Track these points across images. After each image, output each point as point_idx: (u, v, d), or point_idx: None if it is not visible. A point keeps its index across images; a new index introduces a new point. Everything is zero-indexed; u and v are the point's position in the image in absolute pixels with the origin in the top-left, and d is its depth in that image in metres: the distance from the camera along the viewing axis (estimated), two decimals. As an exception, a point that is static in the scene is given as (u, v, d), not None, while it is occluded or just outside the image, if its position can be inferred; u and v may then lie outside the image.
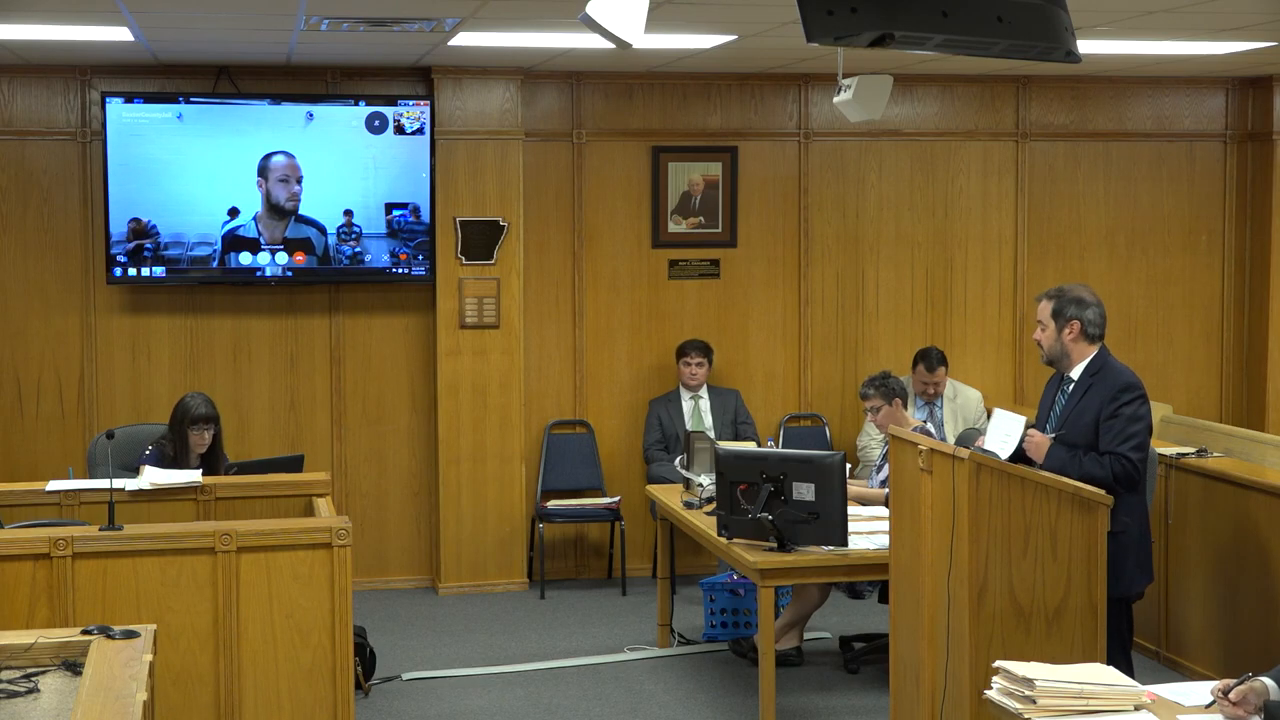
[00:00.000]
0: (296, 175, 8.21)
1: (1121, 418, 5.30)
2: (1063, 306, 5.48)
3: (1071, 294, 5.52)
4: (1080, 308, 5.47)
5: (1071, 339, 5.47)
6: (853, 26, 3.48)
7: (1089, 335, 5.47)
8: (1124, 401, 5.32)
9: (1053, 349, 5.51)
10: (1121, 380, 5.38)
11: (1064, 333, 5.47)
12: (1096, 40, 7.32)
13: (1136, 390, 5.35)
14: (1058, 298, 5.51)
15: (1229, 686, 3.75)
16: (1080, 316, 5.46)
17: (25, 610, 5.10)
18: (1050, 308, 5.51)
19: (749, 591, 7.32)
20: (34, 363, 8.32)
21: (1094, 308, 5.49)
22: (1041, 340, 5.53)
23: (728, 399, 8.72)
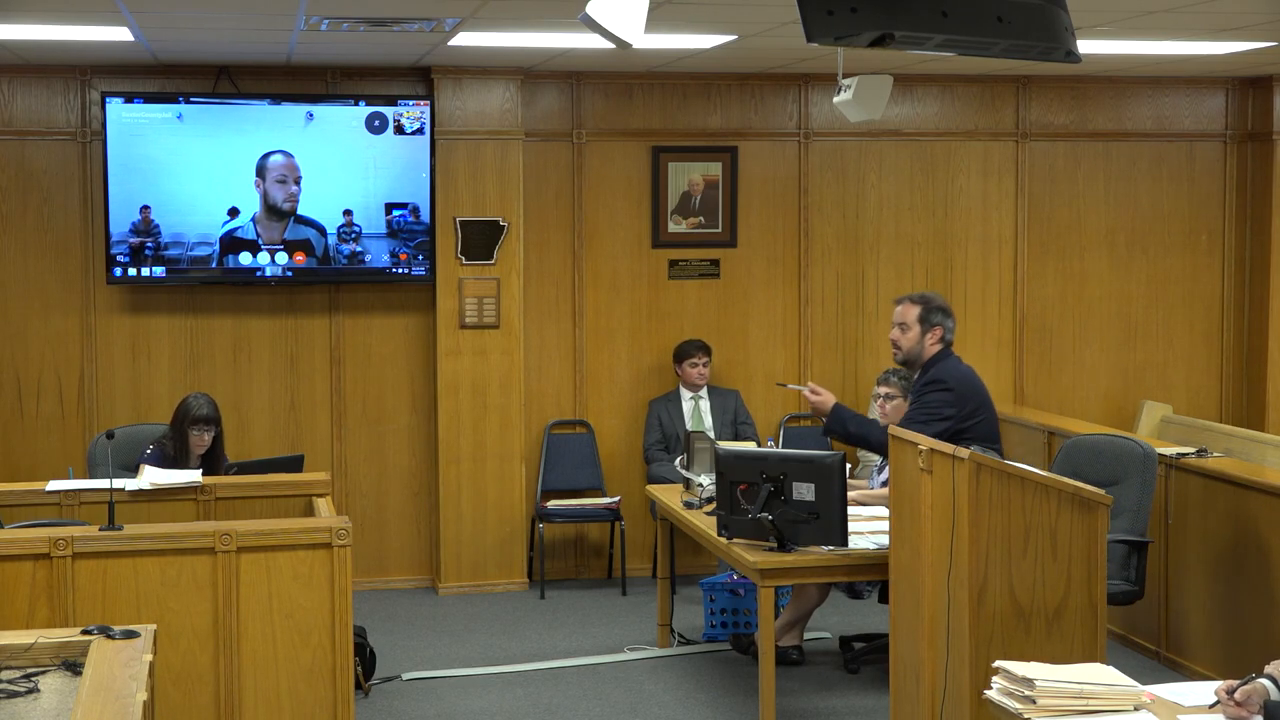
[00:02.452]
0: (295, 175, 8.21)
1: (920, 403, 5.63)
2: (930, 313, 5.70)
3: (936, 302, 5.73)
4: (944, 316, 5.73)
5: (932, 343, 5.70)
6: (853, 26, 3.48)
7: (946, 342, 5.72)
8: (930, 391, 5.62)
9: (911, 351, 5.74)
10: (937, 374, 5.66)
11: (927, 337, 5.70)
12: (1096, 40, 7.32)
13: (943, 384, 5.62)
14: (924, 304, 5.71)
15: (1233, 687, 3.75)
16: (943, 324, 5.71)
17: (25, 610, 5.10)
18: (917, 312, 5.72)
19: (749, 591, 7.32)
20: (34, 363, 8.32)
21: (953, 319, 5.80)
22: (901, 342, 5.73)
23: (728, 399, 8.72)
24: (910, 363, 5.83)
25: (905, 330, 5.78)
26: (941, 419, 5.68)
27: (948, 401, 5.70)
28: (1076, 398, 9.40)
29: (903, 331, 5.79)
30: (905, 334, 5.78)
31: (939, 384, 5.72)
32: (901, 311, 5.82)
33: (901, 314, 5.82)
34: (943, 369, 5.77)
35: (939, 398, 5.69)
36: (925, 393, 5.73)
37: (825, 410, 5.93)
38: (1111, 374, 9.47)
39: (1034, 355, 9.38)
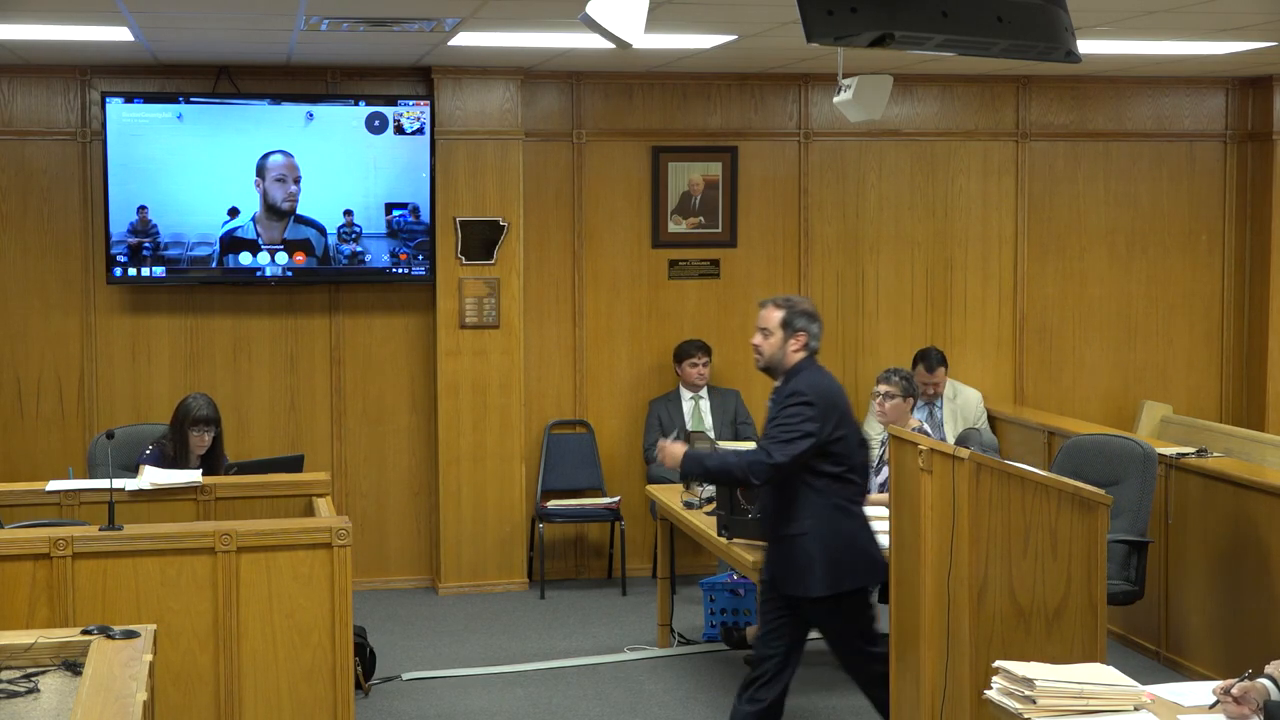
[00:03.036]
0: (294, 175, 8.21)
1: (782, 418, 5.35)
2: (793, 318, 5.43)
3: (800, 306, 5.46)
4: (809, 321, 5.45)
5: (795, 350, 5.43)
6: (853, 26, 3.48)
7: (810, 349, 5.46)
8: (790, 405, 5.34)
9: (774, 357, 5.45)
10: (796, 386, 5.38)
11: (790, 343, 5.42)
12: (1096, 40, 7.32)
13: (804, 397, 5.33)
14: (788, 308, 5.44)
15: (1231, 685, 3.75)
16: (808, 330, 5.44)
17: (25, 610, 5.10)
18: (780, 317, 5.43)
19: (749, 591, 7.31)
20: (34, 363, 8.32)
21: (819, 323, 5.50)
22: (762, 347, 5.46)
23: (728, 399, 8.72)
24: (772, 370, 5.47)
25: (767, 335, 5.44)
26: (804, 435, 5.30)
27: (809, 416, 5.31)
28: (1076, 398, 9.40)
29: (765, 337, 5.45)
30: (767, 339, 5.45)
31: (799, 397, 5.34)
32: (764, 315, 5.47)
33: (764, 318, 5.47)
34: (803, 380, 5.40)
35: (800, 411, 5.32)
36: (787, 405, 5.36)
37: (677, 460, 5.47)
38: (1111, 374, 9.47)
39: (1034, 355, 9.38)
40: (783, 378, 5.46)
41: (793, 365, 5.44)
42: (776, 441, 5.32)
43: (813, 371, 5.45)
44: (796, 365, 5.43)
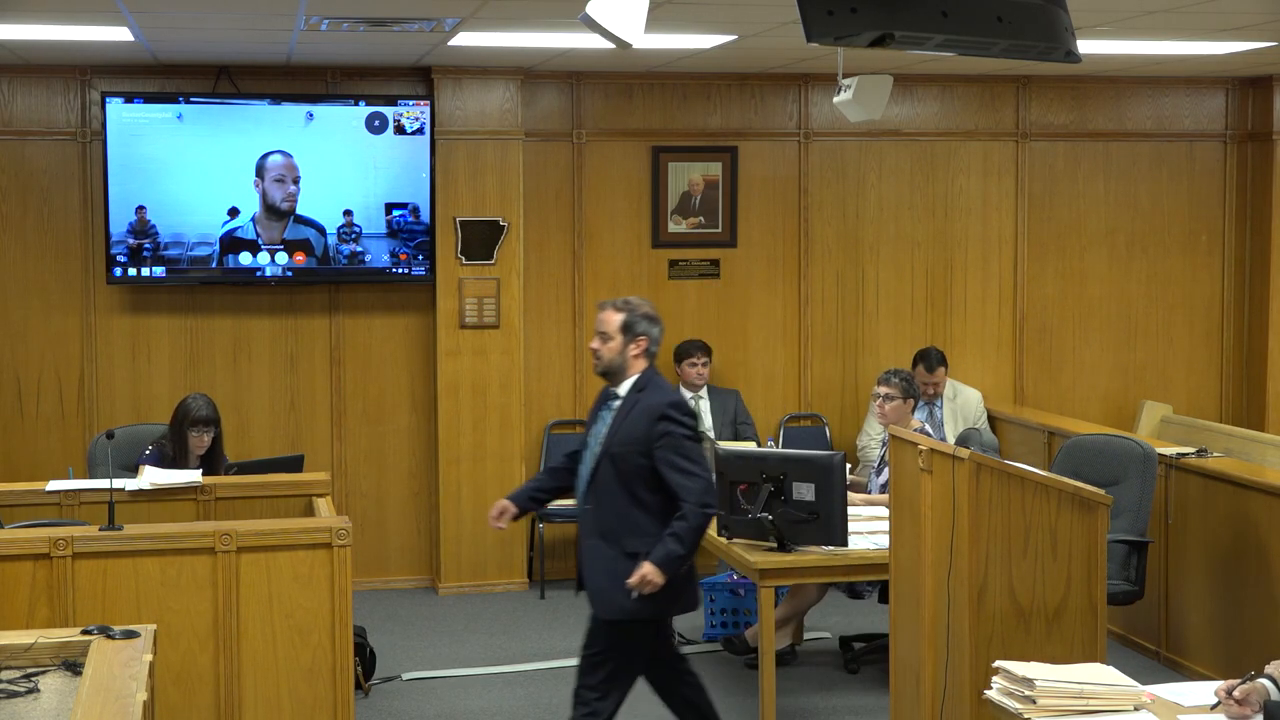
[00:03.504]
0: (293, 175, 8.21)
1: (671, 438, 5.09)
2: (634, 321, 5.20)
3: (641, 309, 5.25)
4: (650, 324, 5.23)
5: (635, 354, 5.20)
6: (853, 26, 3.48)
7: (649, 353, 5.24)
8: (673, 419, 5.10)
9: (613, 362, 5.21)
10: (668, 398, 5.17)
11: (630, 347, 5.19)
12: (1096, 40, 7.32)
13: (683, 409, 5.15)
14: (628, 311, 5.22)
15: (1233, 686, 3.76)
16: (649, 334, 5.22)
17: (25, 610, 5.10)
18: (620, 320, 5.21)
19: (749, 591, 7.31)
20: (34, 363, 8.32)
21: (659, 326, 5.28)
22: (601, 352, 5.22)
23: (728, 399, 8.72)
24: (611, 374, 5.22)
25: (606, 340, 5.20)
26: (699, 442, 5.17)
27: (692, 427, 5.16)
28: (1076, 398, 9.40)
29: (604, 341, 5.20)
30: (606, 344, 5.20)
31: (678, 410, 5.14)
32: (603, 318, 5.23)
33: (603, 321, 5.22)
34: (665, 393, 5.20)
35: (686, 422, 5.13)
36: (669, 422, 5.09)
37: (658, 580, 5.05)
38: (1111, 374, 9.47)
39: (1034, 355, 9.38)
40: (629, 385, 5.20)
41: (634, 371, 5.21)
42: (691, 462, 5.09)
43: (662, 381, 5.25)
44: (645, 374, 5.21)
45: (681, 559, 5.10)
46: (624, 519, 5.16)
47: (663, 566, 5.04)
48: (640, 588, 5.05)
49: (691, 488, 5.09)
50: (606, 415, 5.24)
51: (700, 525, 5.11)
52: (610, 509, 5.19)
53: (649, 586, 5.05)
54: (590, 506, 5.24)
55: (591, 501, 5.23)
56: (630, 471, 5.15)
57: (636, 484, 5.15)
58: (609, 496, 5.18)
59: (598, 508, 5.21)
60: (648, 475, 5.14)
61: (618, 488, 5.17)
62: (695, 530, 5.09)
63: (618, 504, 5.17)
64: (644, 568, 5.04)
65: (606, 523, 5.19)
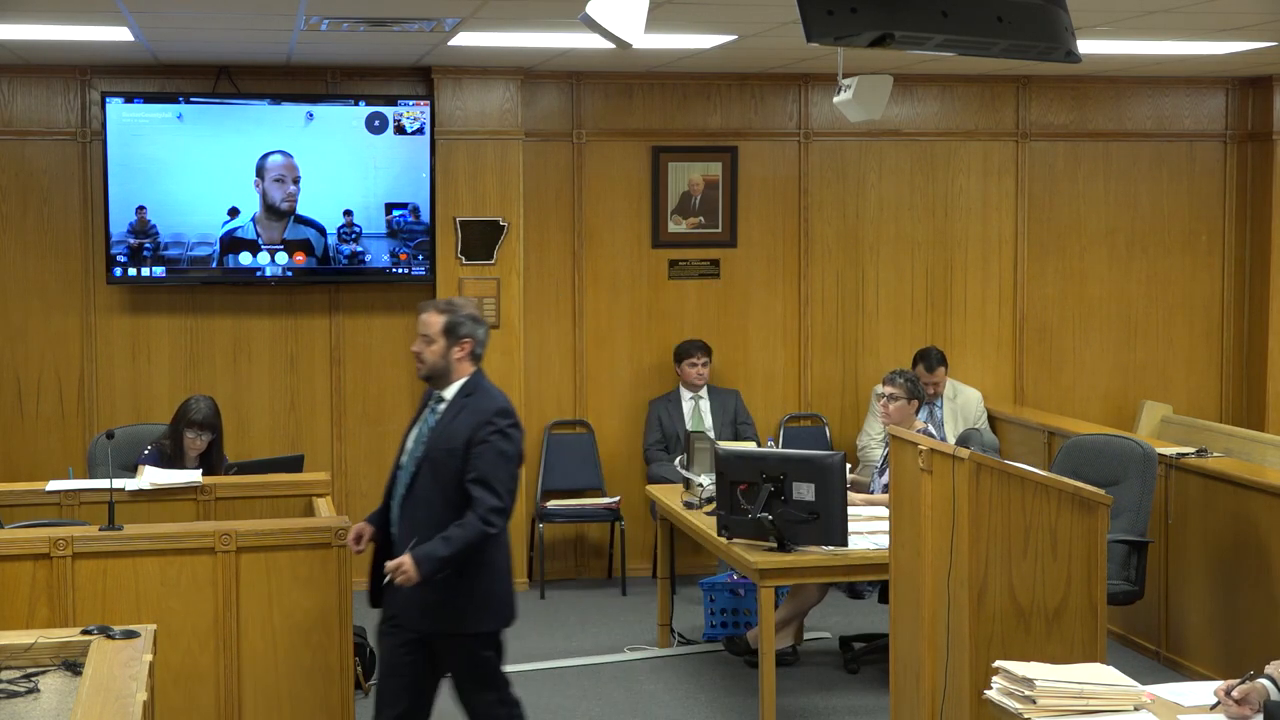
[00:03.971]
0: (293, 175, 8.21)
1: (489, 446, 4.91)
2: (457, 323, 5.01)
3: (465, 309, 5.08)
4: (474, 325, 5.05)
5: (459, 357, 5.02)
6: (853, 26, 3.48)
7: (475, 356, 5.05)
8: (497, 428, 4.93)
9: (436, 365, 5.02)
10: (495, 404, 4.98)
11: (454, 350, 5.01)
12: (1096, 40, 7.32)
13: (511, 417, 4.99)
14: (451, 312, 5.03)
15: (1232, 686, 3.76)
16: (473, 335, 5.03)
17: (25, 610, 5.10)
18: (443, 322, 5.01)
19: (749, 591, 7.32)
20: (34, 363, 8.31)
21: (484, 328, 5.10)
22: (424, 354, 5.02)
23: (728, 399, 8.72)
24: (435, 379, 5.03)
25: (429, 342, 5.00)
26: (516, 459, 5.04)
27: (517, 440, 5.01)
28: (1076, 398, 9.40)
29: (426, 344, 5.01)
30: (429, 346, 5.00)
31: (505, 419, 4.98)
32: (425, 320, 5.04)
33: (425, 323, 5.03)
34: (495, 399, 5.03)
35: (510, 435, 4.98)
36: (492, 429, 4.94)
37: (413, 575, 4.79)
38: (1111, 374, 9.47)
39: (1034, 355, 9.38)
40: (455, 390, 5.01)
41: (461, 375, 5.03)
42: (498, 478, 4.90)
43: (490, 386, 5.08)
44: (472, 378, 5.03)
45: (442, 561, 4.80)
46: (442, 527, 4.86)
47: (421, 563, 4.76)
48: (393, 574, 4.78)
49: (485, 500, 4.86)
50: (430, 419, 5.03)
51: (475, 540, 4.83)
52: (427, 517, 4.90)
53: (401, 577, 4.76)
54: (407, 513, 4.96)
55: (409, 508, 4.96)
56: (450, 478, 4.91)
57: (455, 492, 4.90)
58: (426, 504, 4.93)
59: (414, 515, 4.93)
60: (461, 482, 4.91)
61: (435, 495, 4.91)
62: (468, 542, 4.82)
63: (435, 512, 4.89)
64: (402, 559, 4.78)
65: (422, 530, 4.87)
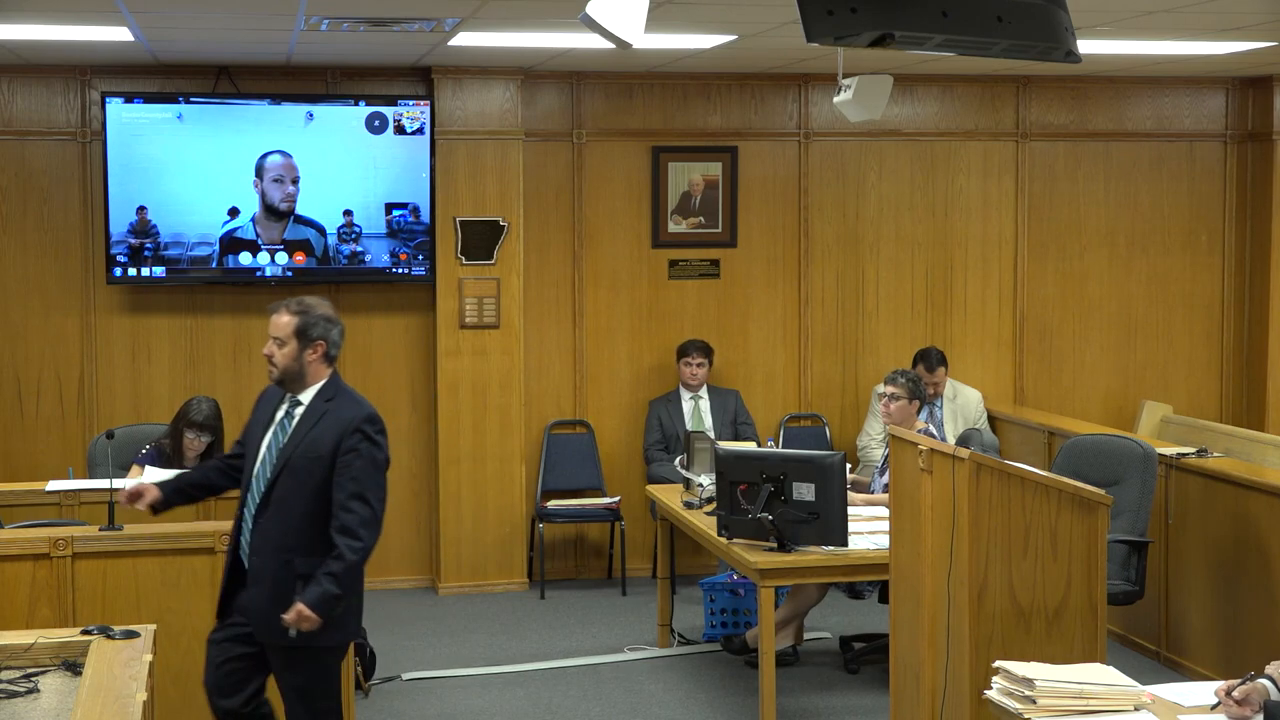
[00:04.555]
0: (292, 175, 8.21)
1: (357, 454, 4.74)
2: (310, 324, 4.81)
3: (318, 310, 4.88)
4: (328, 327, 4.86)
5: (313, 359, 4.82)
6: (853, 26, 3.48)
7: (330, 357, 4.86)
8: (367, 435, 4.76)
9: (289, 369, 4.80)
10: (363, 411, 4.81)
11: (307, 353, 4.80)
12: (1096, 40, 7.32)
13: (379, 423, 4.84)
14: (304, 313, 4.82)
15: (1233, 687, 3.76)
16: (326, 337, 4.84)
17: (25, 610, 5.10)
18: (295, 324, 4.80)
19: (749, 591, 7.32)
20: (34, 363, 8.32)
21: (338, 328, 4.91)
22: (275, 357, 4.80)
23: (728, 399, 8.72)
24: (289, 383, 4.82)
25: (281, 345, 4.79)
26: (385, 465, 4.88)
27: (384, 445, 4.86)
28: (1076, 398, 9.40)
29: (278, 346, 4.79)
30: (281, 349, 4.79)
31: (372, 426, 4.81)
32: (276, 322, 4.81)
33: (276, 325, 4.81)
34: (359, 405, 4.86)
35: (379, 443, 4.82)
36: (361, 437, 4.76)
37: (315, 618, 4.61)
38: (1111, 374, 9.47)
39: (1034, 355, 9.38)
40: (313, 393, 4.83)
41: (317, 378, 4.84)
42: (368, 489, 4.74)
43: (351, 390, 4.93)
44: (331, 381, 4.86)
45: (338, 599, 4.64)
46: (301, 535, 4.70)
47: (318, 609, 4.59)
48: (298, 625, 4.60)
49: (357, 517, 4.69)
50: (287, 424, 4.81)
51: (357, 563, 4.69)
52: (286, 525, 4.73)
53: (307, 624, 4.59)
54: (262, 523, 4.76)
55: (263, 517, 4.75)
56: (313, 487, 4.72)
57: (316, 500, 4.72)
58: (283, 514, 4.73)
59: (272, 523, 4.74)
60: (329, 491, 4.74)
61: (295, 504, 4.72)
62: (352, 569, 4.68)
63: (293, 521, 4.72)
64: (299, 608, 4.59)
65: (280, 539, 4.72)
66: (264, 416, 4.89)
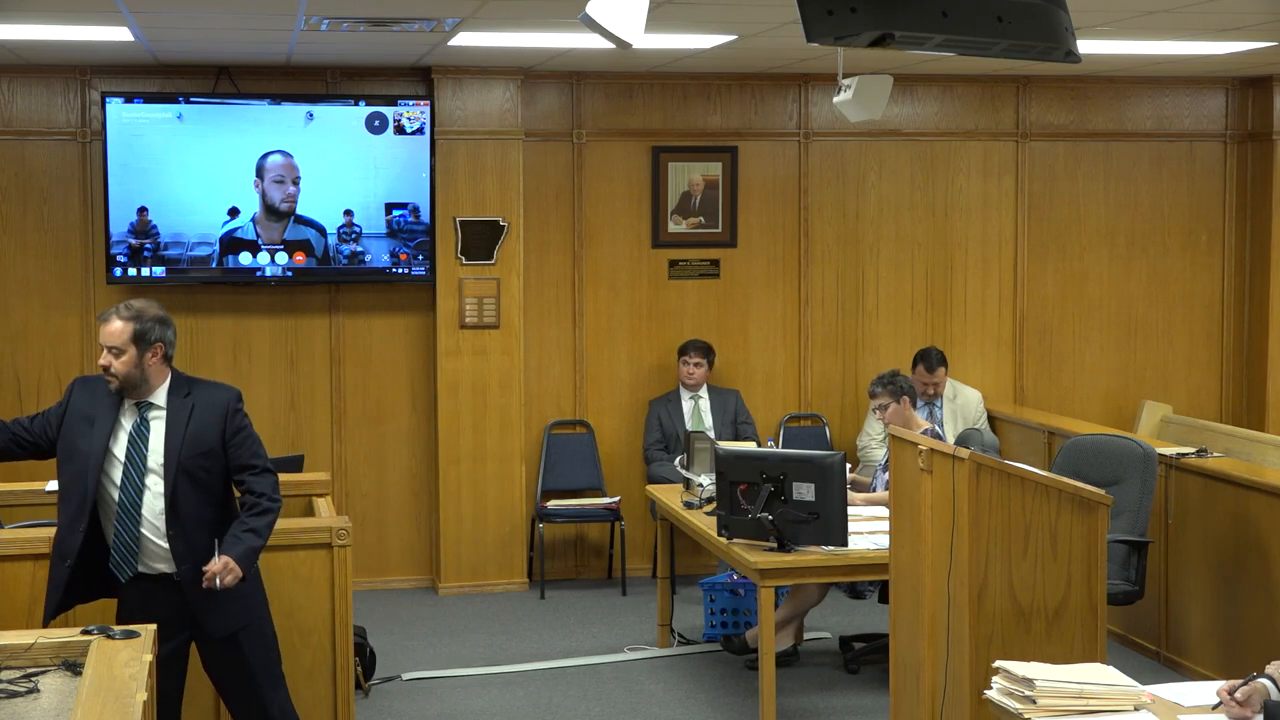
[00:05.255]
0: (293, 175, 8.21)
1: (246, 432, 4.80)
2: (147, 328, 4.70)
3: (150, 312, 4.76)
4: (163, 328, 4.76)
5: (154, 362, 4.72)
6: (853, 26, 3.48)
7: (168, 358, 4.79)
8: (241, 410, 4.82)
9: (131, 376, 4.69)
10: (226, 391, 4.85)
11: (147, 357, 4.70)
12: (1096, 40, 7.32)
13: (240, 402, 4.85)
14: (138, 319, 4.71)
15: (1234, 687, 3.76)
16: (164, 338, 4.75)
17: (25, 610, 5.10)
18: (131, 330, 4.68)
19: (749, 591, 7.32)
20: (34, 363, 8.32)
21: (172, 327, 4.83)
22: (115, 368, 4.68)
23: (728, 399, 8.72)
24: (131, 390, 4.70)
25: (119, 354, 4.67)
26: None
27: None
28: (1076, 398, 9.40)
29: (116, 356, 4.67)
30: (119, 358, 4.67)
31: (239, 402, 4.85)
32: (110, 331, 4.69)
33: (110, 334, 4.68)
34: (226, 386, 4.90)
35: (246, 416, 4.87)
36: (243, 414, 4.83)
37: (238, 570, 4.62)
38: (1111, 374, 9.47)
39: (1034, 355, 9.38)
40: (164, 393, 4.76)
41: (162, 379, 4.76)
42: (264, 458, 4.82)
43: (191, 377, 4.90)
44: (176, 377, 4.80)
45: (257, 553, 4.74)
46: (212, 532, 4.71)
47: (243, 561, 4.63)
48: (221, 576, 4.57)
49: (267, 481, 4.78)
50: (144, 430, 4.72)
51: (274, 521, 4.79)
52: (197, 528, 4.71)
53: (230, 576, 4.59)
54: (175, 529, 4.69)
55: (176, 524, 4.69)
56: (211, 480, 4.75)
57: (219, 489, 4.78)
58: (195, 514, 4.71)
59: (185, 529, 4.70)
60: (221, 480, 4.78)
61: (202, 501, 4.73)
62: (271, 525, 4.79)
63: (207, 516, 4.73)
64: (225, 560, 4.58)
65: (194, 541, 4.70)
66: (99, 422, 4.73)
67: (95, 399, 4.77)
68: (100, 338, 4.74)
